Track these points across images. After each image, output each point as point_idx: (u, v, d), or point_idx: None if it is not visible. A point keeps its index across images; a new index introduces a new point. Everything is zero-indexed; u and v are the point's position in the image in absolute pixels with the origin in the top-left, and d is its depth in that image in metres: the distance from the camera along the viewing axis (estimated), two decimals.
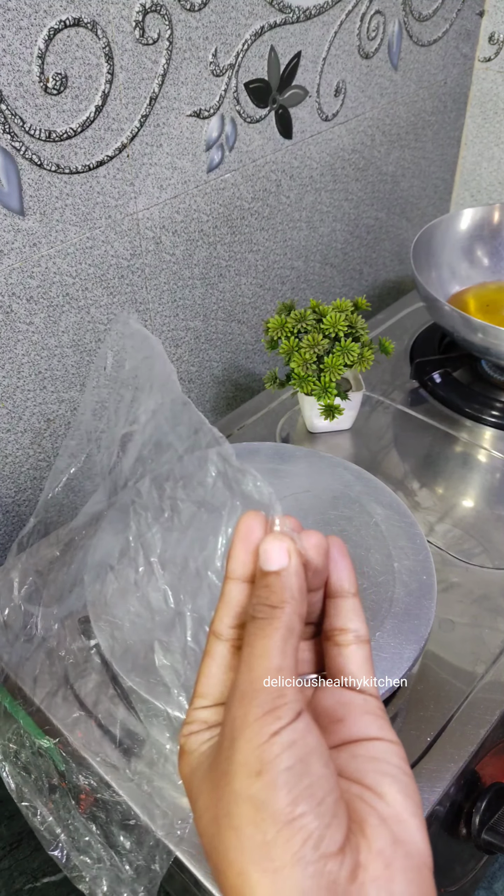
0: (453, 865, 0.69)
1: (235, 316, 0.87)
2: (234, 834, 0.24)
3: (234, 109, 0.72)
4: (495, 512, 0.72)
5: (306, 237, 0.91)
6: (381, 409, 0.84)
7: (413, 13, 0.88)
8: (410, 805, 0.26)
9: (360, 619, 0.30)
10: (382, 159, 0.97)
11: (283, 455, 0.67)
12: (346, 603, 0.31)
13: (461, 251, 0.95)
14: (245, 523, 0.29)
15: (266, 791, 0.24)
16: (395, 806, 0.25)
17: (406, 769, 0.27)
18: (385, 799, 0.26)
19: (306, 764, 0.24)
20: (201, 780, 0.27)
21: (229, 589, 0.29)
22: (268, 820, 0.23)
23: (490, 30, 1.00)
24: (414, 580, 0.55)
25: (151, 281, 0.74)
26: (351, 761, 0.27)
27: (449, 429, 0.81)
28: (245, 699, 0.25)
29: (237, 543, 0.29)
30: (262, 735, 0.24)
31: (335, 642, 0.30)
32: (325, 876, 0.23)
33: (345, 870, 0.23)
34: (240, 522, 0.30)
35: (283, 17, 0.72)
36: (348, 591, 0.31)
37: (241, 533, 0.29)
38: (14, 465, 0.71)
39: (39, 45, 0.55)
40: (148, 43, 0.62)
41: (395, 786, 0.26)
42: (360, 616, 0.30)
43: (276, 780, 0.24)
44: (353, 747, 0.28)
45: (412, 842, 0.25)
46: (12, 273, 0.62)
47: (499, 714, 0.56)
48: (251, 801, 0.24)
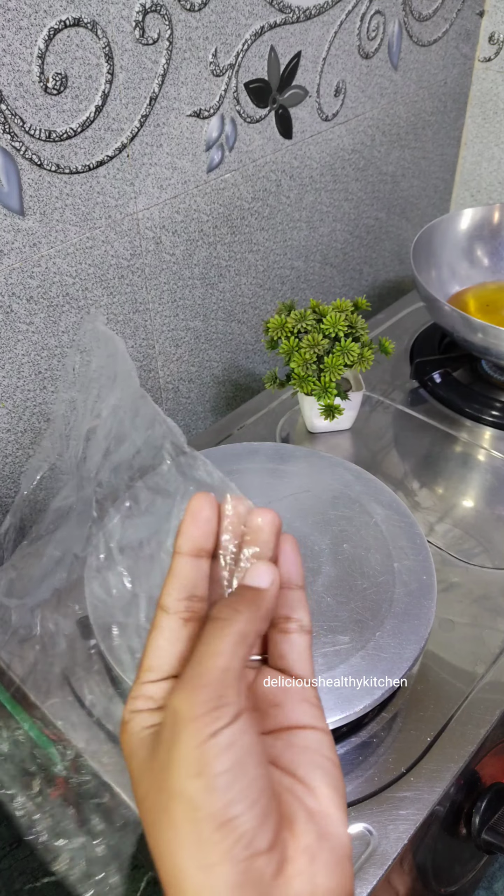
0: (453, 865, 0.69)
1: (235, 316, 0.88)
2: (172, 828, 0.26)
3: (234, 109, 0.72)
4: (495, 512, 0.72)
5: (306, 237, 0.91)
6: (381, 409, 0.84)
7: (413, 13, 0.88)
8: (336, 798, 0.28)
9: (304, 611, 0.32)
10: (382, 159, 0.97)
11: (283, 455, 0.67)
12: (293, 594, 0.32)
13: (461, 251, 0.95)
14: (195, 502, 0.31)
15: (203, 793, 0.25)
16: (323, 800, 0.28)
17: (335, 759, 0.29)
18: (314, 793, 0.28)
19: (243, 766, 0.26)
20: (141, 765, 0.28)
21: (179, 564, 0.31)
22: (203, 820, 0.25)
23: (490, 30, 1.00)
24: (414, 580, 0.55)
25: (151, 281, 0.74)
26: (286, 750, 0.29)
27: (449, 429, 0.81)
28: (189, 692, 0.26)
29: (187, 520, 0.31)
30: (202, 734, 0.25)
31: (280, 629, 0.32)
32: (254, 872, 0.25)
33: (272, 866, 0.25)
34: (191, 501, 0.31)
35: (283, 17, 0.72)
36: (296, 584, 0.32)
37: (192, 511, 0.31)
38: (14, 465, 0.71)
39: (39, 45, 0.55)
40: (148, 43, 0.62)
41: (325, 779, 0.28)
42: (305, 607, 0.32)
43: (213, 783, 0.25)
44: (289, 735, 0.29)
45: (336, 835, 0.27)
46: (12, 273, 0.62)
47: (499, 714, 0.56)
48: (189, 801, 0.25)
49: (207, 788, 0.25)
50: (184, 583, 0.30)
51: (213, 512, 0.31)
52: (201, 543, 0.31)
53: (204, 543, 0.31)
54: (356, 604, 0.54)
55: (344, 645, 0.51)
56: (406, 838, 0.49)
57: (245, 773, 0.26)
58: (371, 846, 0.49)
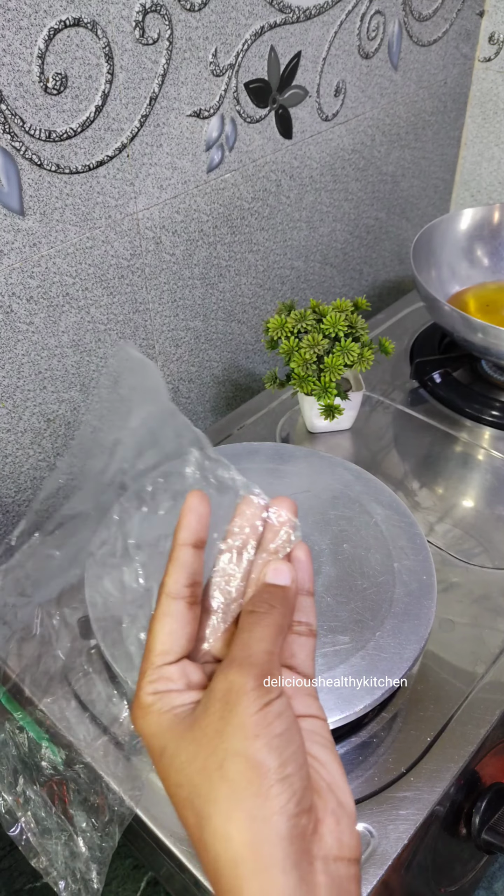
0: (453, 865, 0.69)
1: (235, 316, 0.88)
2: (227, 785, 0.28)
3: (234, 109, 0.72)
4: (495, 512, 0.72)
5: (306, 237, 0.91)
6: (381, 409, 0.84)
7: (413, 13, 0.88)
8: (343, 773, 0.32)
9: (313, 615, 0.36)
10: (382, 159, 0.97)
11: (283, 455, 0.67)
12: (304, 600, 0.36)
13: (461, 251, 0.95)
14: (194, 498, 0.34)
15: (264, 752, 0.29)
16: (334, 774, 0.32)
17: (332, 742, 0.33)
18: (326, 768, 0.31)
19: (291, 732, 0.30)
20: (180, 736, 0.31)
21: (181, 553, 0.34)
22: (264, 776, 0.28)
23: (490, 30, 1.00)
24: (414, 580, 0.55)
25: (151, 281, 0.74)
26: None
27: (449, 429, 0.81)
28: (243, 668, 0.30)
29: (186, 514, 0.34)
30: (259, 703, 0.29)
31: (291, 630, 0.35)
32: (300, 827, 0.29)
33: (311, 823, 0.29)
34: (189, 498, 0.34)
35: (283, 17, 0.72)
36: (308, 591, 0.36)
37: (192, 506, 0.34)
38: (14, 465, 0.71)
39: (39, 45, 0.55)
40: (148, 43, 0.62)
41: (332, 756, 0.32)
42: (314, 612, 0.36)
43: (272, 742, 0.29)
44: (301, 721, 0.33)
45: (349, 804, 0.31)
46: (12, 273, 0.62)
47: (499, 714, 0.56)
48: (247, 759, 0.28)
49: (268, 747, 0.29)
50: (188, 570, 0.34)
51: (207, 507, 0.34)
52: (200, 535, 0.34)
53: (202, 535, 0.34)
54: (356, 604, 0.54)
55: (344, 645, 0.51)
56: (406, 838, 0.49)
57: (293, 739, 0.30)
58: (371, 846, 0.49)
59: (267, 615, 0.32)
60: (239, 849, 0.28)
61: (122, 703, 0.52)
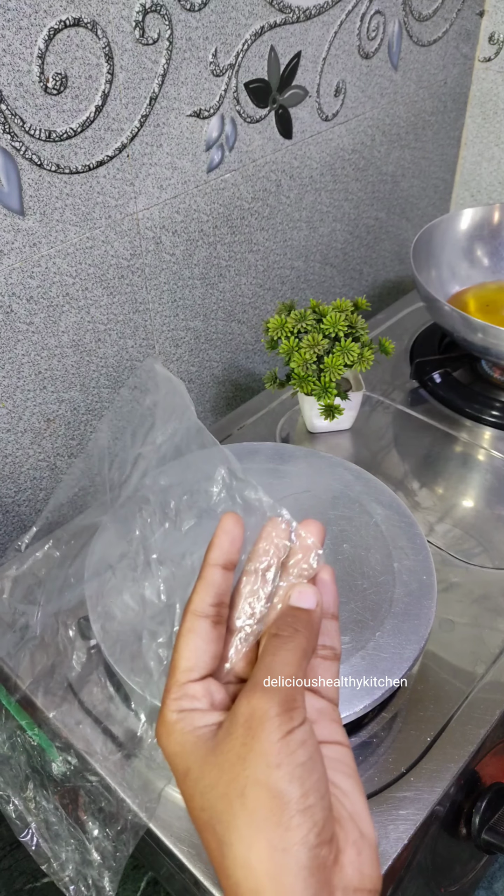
0: (453, 865, 0.69)
1: (235, 316, 0.88)
2: (248, 814, 0.28)
3: (234, 109, 0.72)
4: (495, 512, 0.72)
5: (306, 237, 0.91)
6: (381, 409, 0.84)
7: (413, 13, 0.88)
8: (365, 802, 0.32)
9: (338, 639, 0.36)
10: (382, 159, 0.97)
11: (283, 455, 0.67)
12: (330, 624, 0.36)
13: (461, 251, 0.95)
14: (228, 520, 0.35)
15: (285, 782, 0.28)
16: (356, 804, 0.31)
17: (356, 770, 0.33)
18: (349, 797, 0.31)
19: (314, 762, 0.29)
20: (203, 759, 0.30)
21: (210, 573, 0.34)
22: (286, 806, 0.28)
23: (490, 30, 1.00)
24: (414, 580, 0.55)
25: (151, 281, 0.74)
26: None
27: (449, 429, 0.81)
28: (267, 694, 0.30)
29: (220, 535, 0.34)
30: (282, 730, 0.29)
31: (315, 654, 0.35)
32: (320, 858, 0.28)
33: (332, 854, 0.29)
34: (224, 519, 0.35)
35: (283, 17, 0.72)
36: (332, 614, 0.36)
37: (225, 527, 0.35)
38: (14, 465, 0.71)
39: (39, 45, 0.55)
40: (148, 43, 0.62)
41: (355, 786, 0.32)
42: (338, 636, 0.36)
43: (294, 772, 0.28)
44: (324, 748, 0.32)
45: (371, 835, 0.31)
46: (12, 273, 0.62)
47: (499, 714, 0.56)
48: (269, 788, 0.28)
49: (290, 777, 0.28)
50: (216, 590, 0.34)
51: (241, 531, 0.35)
52: (231, 557, 0.34)
53: (233, 557, 0.34)
54: (356, 604, 0.54)
55: (344, 645, 0.51)
56: (406, 838, 0.49)
57: (315, 768, 0.29)
58: None
59: (291, 639, 0.32)
60: (260, 878, 0.28)
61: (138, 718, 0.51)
